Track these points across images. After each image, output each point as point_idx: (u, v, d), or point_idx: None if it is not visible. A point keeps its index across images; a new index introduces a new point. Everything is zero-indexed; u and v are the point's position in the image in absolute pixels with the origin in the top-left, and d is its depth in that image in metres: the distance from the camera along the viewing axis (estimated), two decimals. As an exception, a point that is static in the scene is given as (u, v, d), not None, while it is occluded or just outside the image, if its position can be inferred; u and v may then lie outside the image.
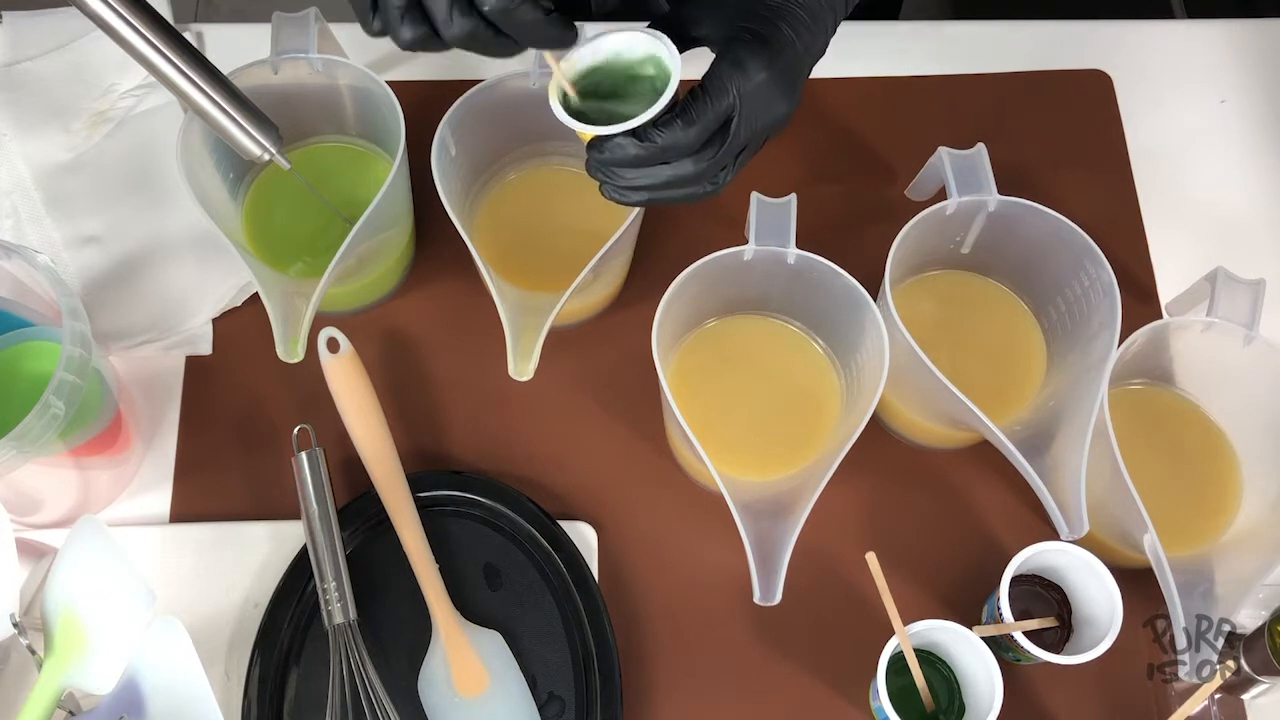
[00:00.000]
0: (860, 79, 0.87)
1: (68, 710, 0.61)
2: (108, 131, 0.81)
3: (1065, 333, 0.72)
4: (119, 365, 0.76)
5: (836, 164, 0.84)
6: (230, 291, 0.77)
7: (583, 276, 0.65)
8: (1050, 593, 0.70)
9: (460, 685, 0.67)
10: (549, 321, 0.65)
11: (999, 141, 0.72)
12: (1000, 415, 0.66)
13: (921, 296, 0.75)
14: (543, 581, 0.71)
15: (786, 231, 0.66)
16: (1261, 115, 0.87)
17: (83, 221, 0.78)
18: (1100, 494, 0.64)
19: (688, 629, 0.72)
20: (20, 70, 0.82)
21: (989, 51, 0.89)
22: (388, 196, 0.66)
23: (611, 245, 0.65)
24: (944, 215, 0.68)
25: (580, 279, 0.65)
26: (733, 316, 0.75)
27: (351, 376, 0.71)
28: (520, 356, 0.65)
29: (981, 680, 0.64)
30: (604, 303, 0.78)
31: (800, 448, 0.71)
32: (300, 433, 0.70)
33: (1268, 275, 0.69)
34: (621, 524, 0.74)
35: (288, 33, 0.70)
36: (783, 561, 0.61)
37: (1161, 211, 0.83)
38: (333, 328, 0.71)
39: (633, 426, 0.76)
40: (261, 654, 0.68)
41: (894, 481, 0.75)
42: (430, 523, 0.70)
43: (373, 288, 0.77)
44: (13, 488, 0.67)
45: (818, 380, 0.73)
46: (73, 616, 0.60)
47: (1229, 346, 0.68)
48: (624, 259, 0.75)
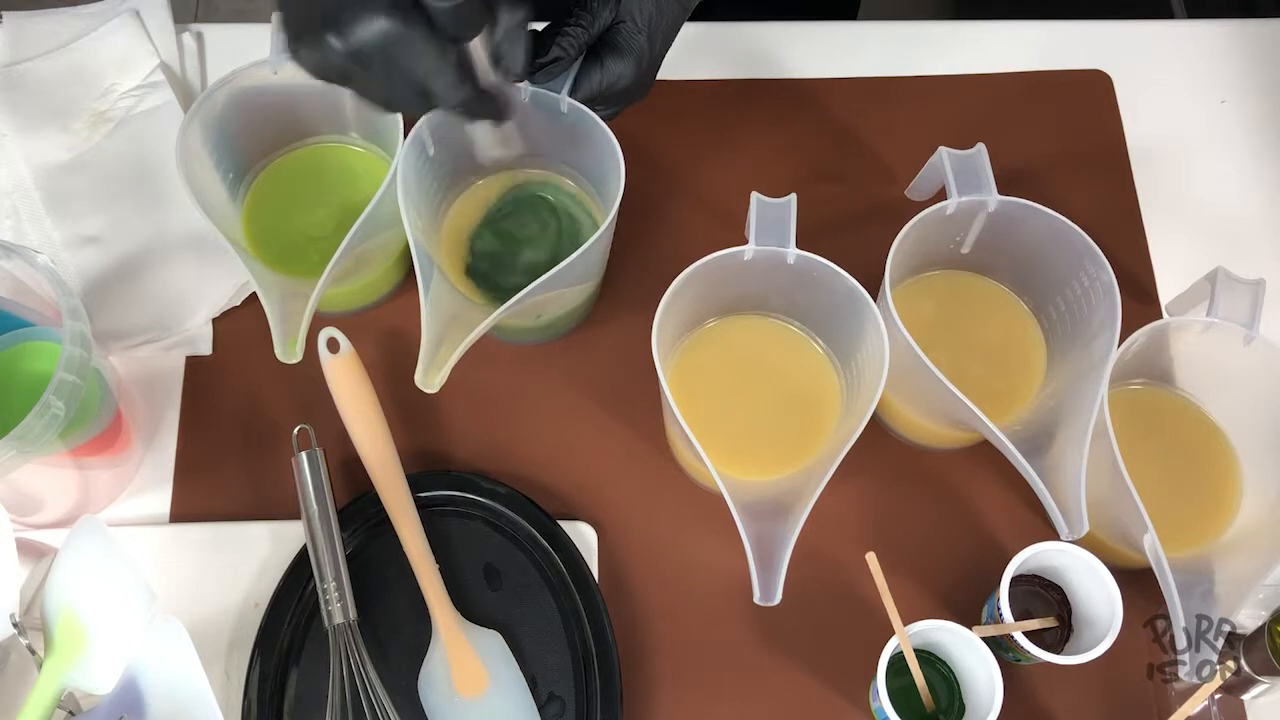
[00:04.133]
0: (860, 79, 0.87)
1: (68, 710, 0.61)
2: (108, 131, 0.81)
3: (1065, 333, 0.72)
4: (119, 365, 0.76)
5: (836, 164, 0.84)
6: (230, 291, 0.77)
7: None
8: (1050, 593, 0.70)
9: (460, 685, 0.67)
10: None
11: (999, 141, 0.72)
12: (1000, 415, 0.66)
13: (921, 296, 0.75)
14: (543, 581, 0.71)
15: (786, 231, 0.66)
16: (1261, 115, 0.87)
17: (83, 221, 0.78)
18: (1100, 494, 0.64)
19: (688, 629, 0.72)
20: (20, 70, 0.82)
21: (989, 51, 0.89)
22: (387, 196, 0.66)
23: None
24: (944, 215, 0.68)
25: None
26: (733, 316, 0.75)
27: (351, 376, 0.71)
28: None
29: (981, 680, 0.64)
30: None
31: (800, 448, 0.71)
32: (300, 433, 0.70)
33: (1268, 275, 0.69)
34: (621, 524, 0.74)
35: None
36: (783, 561, 0.61)
37: (1161, 211, 0.83)
38: (333, 328, 0.71)
39: (633, 426, 0.76)
40: (261, 654, 0.68)
41: (894, 481, 0.75)
42: (430, 523, 0.70)
43: (372, 288, 0.77)
44: (13, 488, 0.67)
45: (818, 380, 0.73)
46: (73, 616, 0.60)
47: (1229, 346, 0.68)
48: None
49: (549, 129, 0.69)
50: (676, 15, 0.66)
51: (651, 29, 0.65)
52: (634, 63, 0.66)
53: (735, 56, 0.88)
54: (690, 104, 0.85)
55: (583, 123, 0.67)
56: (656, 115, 0.81)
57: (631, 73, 0.66)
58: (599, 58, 0.66)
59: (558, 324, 0.77)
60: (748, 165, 0.84)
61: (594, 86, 0.66)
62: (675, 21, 0.67)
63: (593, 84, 0.66)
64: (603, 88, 0.66)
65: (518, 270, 0.74)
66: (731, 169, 0.83)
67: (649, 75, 0.68)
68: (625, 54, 0.65)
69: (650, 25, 0.65)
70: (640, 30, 0.65)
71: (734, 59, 0.88)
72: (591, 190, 0.76)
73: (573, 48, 0.64)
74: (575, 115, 0.67)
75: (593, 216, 0.76)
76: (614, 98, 0.67)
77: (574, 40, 0.64)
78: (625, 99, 0.68)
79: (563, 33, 0.64)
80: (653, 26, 0.65)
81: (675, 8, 0.66)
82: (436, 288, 0.66)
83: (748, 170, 0.83)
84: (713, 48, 0.87)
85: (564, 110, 0.67)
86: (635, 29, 0.65)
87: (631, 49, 0.65)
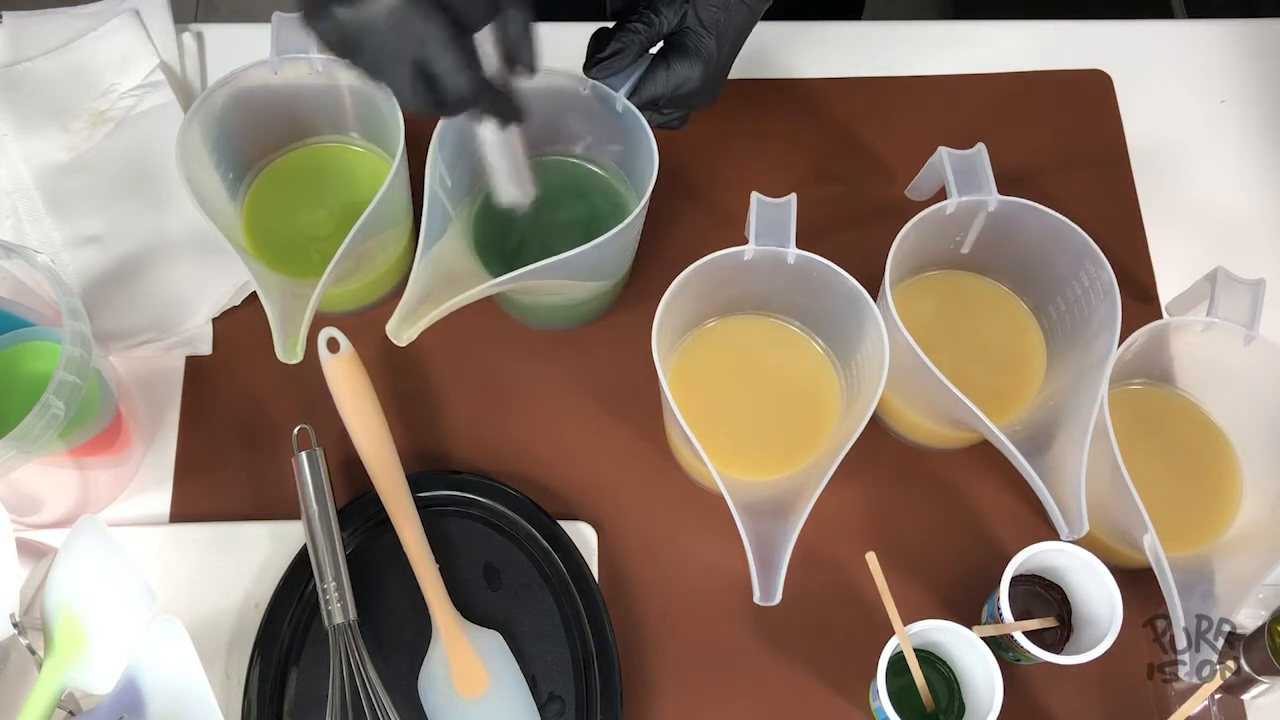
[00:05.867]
0: (860, 79, 0.87)
1: (68, 710, 0.61)
2: (108, 131, 0.81)
3: (1065, 333, 0.72)
4: (119, 365, 0.76)
5: (836, 164, 0.84)
6: (230, 291, 0.77)
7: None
8: (1050, 593, 0.70)
9: (460, 685, 0.67)
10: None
11: (999, 141, 0.72)
12: (1000, 415, 0.66)
13: (921, 296, 0.75)
14: (543, 581, 0.71)
15: (786, 231, 0.66)
16: (1261, 115, 0.87)
17: (83, 221, 0.78)
18: (1100, 494, 0.64)
19: (688, 629, 0.72)
20: (20, 70, 0.82)
21: (989, 51, 0.89)
22: (387, 196, 0.66)
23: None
24: (944, 215, 0.68)
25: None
26: (733, 316, 0.75)
27: (351, 376, 0.71)
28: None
29: (981, 680, 0.64)
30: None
31: (800, 448, 0.71)
32: (300, 433, 0.70)
33: (1268, 275, 0.69)
34: (621, 524, 0.74)
35: (288, 33, 0.70)
36: (783, 561, 0.61)
37: (1161, 211, 0.83)
38: (333, 328, 0.71)
39: (633, 426, 0.76)
40: (261, 654, 0.68)
41: (894, 481, 0.75)
42: (430, 523, 0.70)
43: (373, 288, 0.77)
44: (13, 488, 0.67)
45: (818, 380, 0.73)
46: (73, 616, 0.60)
47: (1229, 346, 0.68)
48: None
49: (599, 122, 0.70)
50: (745, 19, 0.66)
51: (720, 32, 0.65)
52: (701, 66, 0.65)
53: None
54: (690, 104, 0.85)
55: (632, 126, 0.68)
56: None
57: (699, 76, 0.65)
58: (665, 60, 0.65)
59: (579, 309, 0.77)
60: (748, 165, 0.84)
61: (659, 88, 0.66)
62: (745, 26, 0.66)
63: (658, 86, 0.66)
64: (669, 89, 0.66)
65: (537, 247, 0.74)
66: (731, 169, 0.83)
67: (717, 80, 0.67)
68: (693, 57, 0.65)
69: (719, 28, 0.65)
70: (709, 33, 0.65)
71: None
72: (622, 189, 0.76)
73: (634, 44, 0.64)
74: (627, 116, 0.67)
75: (621, 211, 0.76)
76: (680, 100, 0.67)
77: (635, 37, 0.64)
78: (692, 102, 0.68)
79: (624, 29, 0.64)
80: (721, 30, 0.65)
81: (744, 10, 0.66)
82: (447, 245, 0.65)
83: (748, 170, 0.83)
84: (713, 48, 0.87)
85: (619, 109, 0.67)
86: (703, 32, 0.64)
87: (700, 52, 0.65)
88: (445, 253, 0.66)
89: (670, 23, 0.65)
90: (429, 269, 0.64)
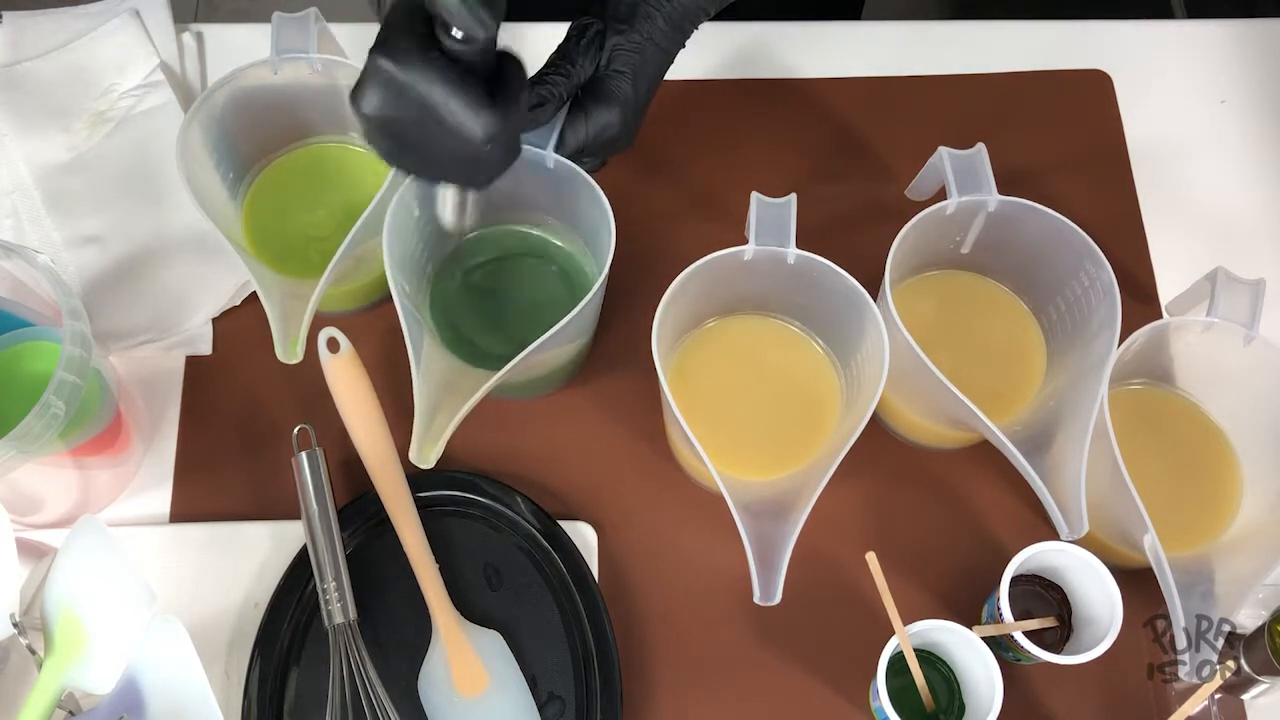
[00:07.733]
0: (860, 79, 0.87)
1: (68, 710, 0.61)
2: (108, 131, 0.81)
3: (1065, 333, 0.72)
4: (119, 365, 0.76)
5: (836, 164, 0.84)
6: (230, 291, 0.77)
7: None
8: (1050, 593, 0.70)
9: (460, 685, 0.67)
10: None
11: (999, 141, 0.72)
12: (1000, 415, 0.66)
13: (921, 296, 0.75)
14: (543, 581, 0.71)
15: (786, 231, 0.66)
16: (1261, 115, 0.87)
17: (83, 221, 0.78)
18: (1100, 494, 0.64)
19: (688, 629, 0.72)
20: (20, 70, 0.82)
21: (989, 51, 0.89)
22: (387, 196, 0.66)
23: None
24: (944, 215, 0.68)
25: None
26: (733, 316, 0.75)
27: (351, 376, 0.71)
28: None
29: (981, 680, 0.64)
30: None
31: (800, 448, 0.71)
32: (300, 433, 0.70)
33: (1268, 275, 0.69)
34: (621, 524, 0.74)
35: (288, 33, 0.70)
36: (783, 561, 0.61)
37: (1161, 211, 0.83)
38: (333, 328, 0.71)
39: (633, 426, 0.76)
40: (261, 654, 0.68)
41: (894, 481, 0.75)
42: (430, 523, 0.70)
43: (373, 288, 0.77)
44: (13, 488, 0.67)
45: (818, 380, 0.73)
46: (73, 616, 0.60)
47: (1229, 346, 0.68)
48: None
49: (536, 183, 0.68)
50: (660, 61, 0.65)
51: (636, 75, 0.64)
52: (619, 110, 0.64)
53: (735, 56, 0.88)
54: (690, 104, 0.85)
55: (570, 180, 0.66)
56: (657, 115, 0.80)
57: (618, 120, 0.65)
58: (583, 108, 0.64)
59: (548, 380, 0.76)
60: (748, 165, 0.84)
61: (580, 136, 0.65)
62: (660, 68, 0.66)
63: (579, 135, 0.65)
64: (589, 137, 0.65)
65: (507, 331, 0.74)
66: (731, 169, 0.83)
67: (635, 123, 0.66)
68: (610, 102, 0.64)
69: (634, 70, 0.64)
70: (625, 76, 0.64)
71: (734, 59, 0.88)
72: (582, 245, 0.75)
73: (555, 96, 0.63)
74: (562, 170, 0.66)
75: (585, 272, 0.75)
76: (601, 148, 0.66)
77: (555, 89, 0.63)
78: (612, 148, 0.67)
79: (543, 82, 0.62)
80: (636, 72, 0.64)
81: (659, 54, 0.65)
82: (431, 351, 0.65)
83: (748, 170, 0.83)
84: (713, 47, 0.88)
85: (550, 166, 0.65)
86: (619, 76, 0.64)
87: (617, 96, 0.64)
88: (433, 358, 0.65)
89: (587, 71, 0.64)
90: (427, 383, 0.63)
